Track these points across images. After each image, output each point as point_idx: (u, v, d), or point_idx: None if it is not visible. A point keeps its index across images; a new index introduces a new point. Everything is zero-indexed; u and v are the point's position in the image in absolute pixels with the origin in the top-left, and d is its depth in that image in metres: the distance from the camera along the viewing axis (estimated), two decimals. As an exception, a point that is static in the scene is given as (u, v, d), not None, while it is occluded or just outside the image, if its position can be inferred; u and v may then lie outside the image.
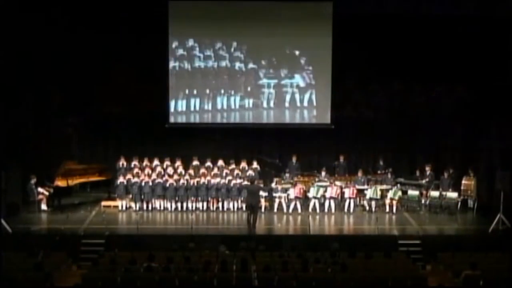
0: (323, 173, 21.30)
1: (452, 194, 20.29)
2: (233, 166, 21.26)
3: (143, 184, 20.23)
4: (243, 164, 21.35)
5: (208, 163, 21.27)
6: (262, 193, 20.03)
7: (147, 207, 20.37)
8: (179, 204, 20.38)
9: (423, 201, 20.76)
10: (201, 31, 22.03)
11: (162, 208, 20.41)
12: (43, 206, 20.21)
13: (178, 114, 22.38)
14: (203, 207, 20.42)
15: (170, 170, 20.91)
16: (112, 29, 21.69)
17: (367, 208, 20.53)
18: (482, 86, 20.34)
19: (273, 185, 20.74)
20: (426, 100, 22.28)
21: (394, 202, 20.28)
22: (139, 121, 22.53)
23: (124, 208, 20.49)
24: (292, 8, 21.89)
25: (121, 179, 20.47)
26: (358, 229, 19.11)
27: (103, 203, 20.78)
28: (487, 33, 19.77)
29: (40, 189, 20.12)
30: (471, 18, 20.20)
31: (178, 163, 21.32)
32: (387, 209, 20.34)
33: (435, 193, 20.47)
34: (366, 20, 21.88)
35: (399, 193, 20.42)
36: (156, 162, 21.36)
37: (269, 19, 21.86)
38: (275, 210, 20.42)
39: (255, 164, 21.43)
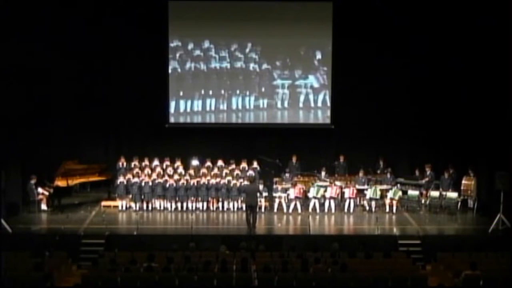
0: (323, 173, 21.30)
1: (452, 194, 20.28)
2: (233, 166, 21.28)
3: (143, 184, 20.23)
4: (243, 164, 21.37)
5: (208, 163, 21.29)
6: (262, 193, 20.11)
7: (147, 207, 20.36)
8: (179, 204, 20.38)
9: (423, 201, 20.77)
10: (216, 32, 22.36)
11: (162, 208, 20.41)
12: (43, 206, 20.22)
13: (194, 114, 22.67)
14: (203, 207, 20.41)
15: (170, 170, 20.91)
16: (113, 29, 21.70)
17: (367, 208, 20.53)
18: (483, 86, 20.31)
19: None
20: (427, 100, 22.26)
21: (394, 202, 20.28)
22: (139, 121, 22.53)
23: (124, 208, 20.48)
24: (307, 8, 22.16)
25: (121, 179, 20.46)
26: (358, 229, 19.11)
27: (103, 203, 20.78)
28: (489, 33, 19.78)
29: (40, 189, 20.12)
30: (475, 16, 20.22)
31: (178, 163, 21.33)
32: (387, 209, 20.34)
33: (435, 193, 20.46)
34: (367, 20, 21.96)
35: (399, 193, 20.41)
36: (156, 162, 21.38)
37: (284, 19, 22.16)
38: (275, 210, 20.42)
39: (255, 164, 21.44)
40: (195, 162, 21.50)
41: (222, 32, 22.30)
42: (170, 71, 22.48)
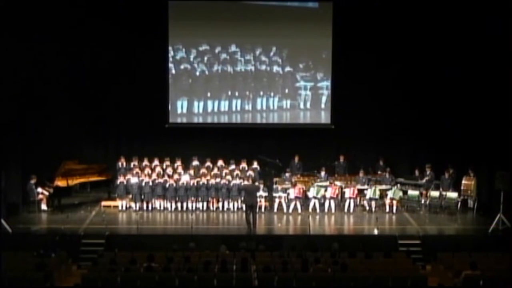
0: (323, 173, 21.30)
1: (452, 194, 20.29)
2: (233, 166, 21.28)
3: (143, 184, 20.24)
4: (243, 164, 21.37)
5: (208, 163, 21.29)
6: (262, 193, 20.09)
7: (147, 207, 20.36)
8: (179, 204, 20.38)
9: (423, 201, 20.77)
10: (242, 33, 22.67)
11: (162, 208, 20.41)
12: (43, 206, 20.22)
13: (221, 114, 23.04)
14: (203, 207, 20.42)
15: (169, 170, 20.91)
16: (114, 29, 21.68)
17: (367, 208, 20.54)
18: (483, 87, 20.31)
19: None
20: (427, 100, 22.25)
21: (394, 202, 20.28)
22: (139, 121, 22.52)
23: (124, 208, 20.48)
24: (324, 10, 22.39)
25: (121, 179, 20.47)
26: (358, 229, 19.12)
27: (103, 203, 20.79)
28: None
29: (40, 189, 20.11)
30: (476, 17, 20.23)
31: (178, 163, 21.34)
32: (387, 209, 20.35)
33: (435, 193, 20.47)
34: (368, 21, 21.96)
35: (399, 193, 20.41)
36: (156, 162, 21.38)
37: (306, 22, 22.46)
38: (275, 210, 20.42)
39: (255, 164, 21.45)
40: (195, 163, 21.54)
41: (248, 35, 22.72)
42: (198, 73, 22.81)
